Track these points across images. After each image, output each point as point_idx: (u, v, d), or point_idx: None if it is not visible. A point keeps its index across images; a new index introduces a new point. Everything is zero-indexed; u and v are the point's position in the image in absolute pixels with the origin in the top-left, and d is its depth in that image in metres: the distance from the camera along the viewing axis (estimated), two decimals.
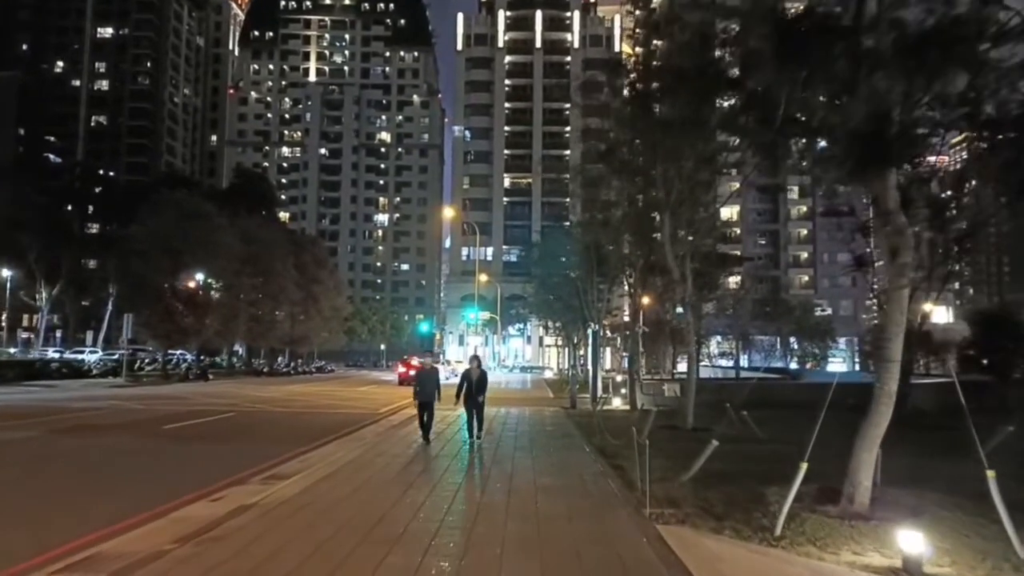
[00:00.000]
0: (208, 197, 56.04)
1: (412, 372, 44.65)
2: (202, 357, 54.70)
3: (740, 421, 15.33)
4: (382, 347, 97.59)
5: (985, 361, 21.13)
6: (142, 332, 41.91)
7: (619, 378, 29.76)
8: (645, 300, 48.88)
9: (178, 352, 53.68)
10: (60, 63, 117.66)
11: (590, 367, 25.28)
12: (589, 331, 24.67)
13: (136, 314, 39.46)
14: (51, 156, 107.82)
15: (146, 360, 47.15)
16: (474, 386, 13.03)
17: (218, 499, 8.20)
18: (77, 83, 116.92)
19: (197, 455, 12.42)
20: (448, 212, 69.21)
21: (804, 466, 6.64)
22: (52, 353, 58.34)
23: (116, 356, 47.97)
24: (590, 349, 24.79)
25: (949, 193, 18.22)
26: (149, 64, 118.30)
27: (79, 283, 68.19)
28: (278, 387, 35.30)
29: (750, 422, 13.60)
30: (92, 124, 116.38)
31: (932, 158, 18.23)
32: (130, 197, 60.90)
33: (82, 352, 57.31)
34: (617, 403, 23.59)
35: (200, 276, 40.33)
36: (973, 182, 17.75)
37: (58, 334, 78.48)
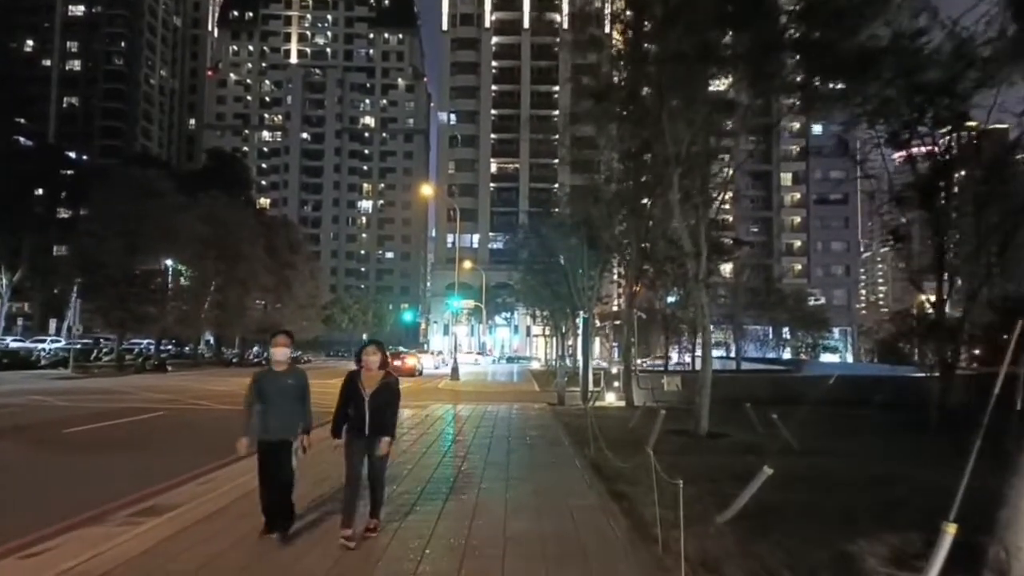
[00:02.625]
0: (179, 179, 52.94)
1: (397, 363, 35.32)
2: (168, 347, 51.62)
3: (761, 424, 12.69)
4: (364, 337, 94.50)
5: None
6: (96, 320, 38.75)
7: (613, 370, 27.08)
8: (637, 286, 46.51)
9: (144, 341, 50.63)
10: (30, 42, 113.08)
11: (580, 359, 22.60)
12: (579, 319, 21.98)
13: (88, 300, 36.37)
14: (20, 139, 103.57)
15: (104, 350, 44.00)
16: (367, 409, 5.68)
17: (37, 554, 5.48)
18: (48, 63, 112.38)
19: (79, 471, 9.65)
20: (427, 189, 66.08)
21: (952, 530, 3.92)
22: (11, 342, 55.31)
23: (79, 345, 45.12)
24: (580, 339, 22.10)
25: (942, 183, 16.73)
26: (123, 44, 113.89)
27: (44, 269, 64.69)
28: (241, 379, 32.26)
29: (782, 428, 10.94)
30: (64, 105, 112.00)
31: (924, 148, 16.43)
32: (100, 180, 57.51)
33: (43, 341, 54.18)
34: (611, 399, 20.92)
35: (157, 259, 37.25)
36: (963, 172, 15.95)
37: (23, 323, 75.01)
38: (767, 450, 10.77)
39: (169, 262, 38.69)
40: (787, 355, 76.51)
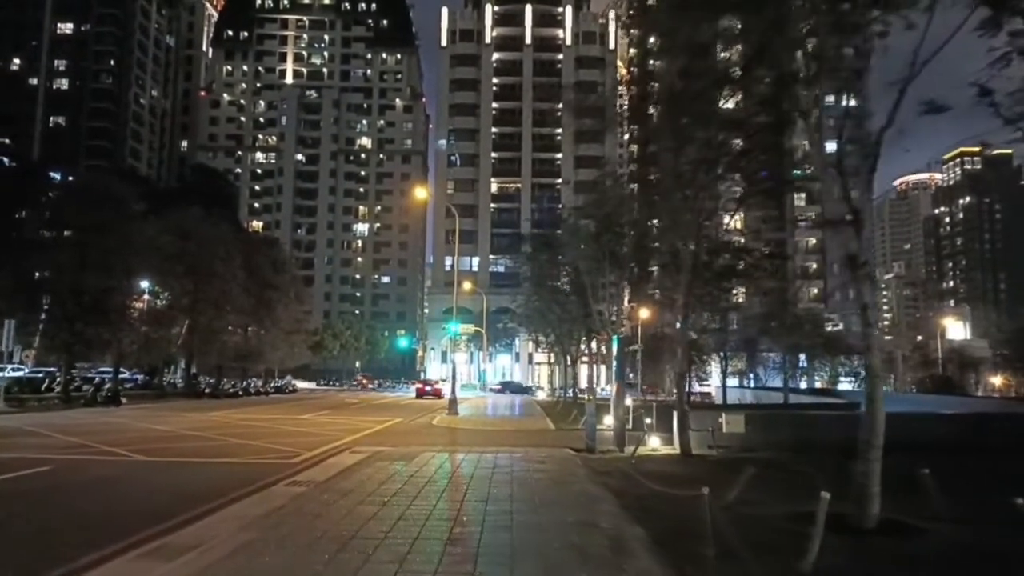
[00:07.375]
0: (157, 193, 48.58)
1: (428, 388, 49.68)
2: (136, 376, 46.67)
3: (935, 496, 7.89)
4: (357, 364, 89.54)
5: None
6: (42, 344, 33.94)
7: (627, 401, 22.10)
8: (644, 312, 41.67)
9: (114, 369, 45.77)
10: (16, 60, 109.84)
11: (612, 391, 17.81)
12: (613, 339, 17.25)
13: (33, 322, 31.62)
14: (4, 158, 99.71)
15: (57, 380, 39.07)
16: None
17: None
18: (35, 81, 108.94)
19: None
20: (420, 193, 61.56)
21: None
22: None
23: (42, 374, 40.40)
24: (614, 364, 17.31)
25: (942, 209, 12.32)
26: (112, 62, 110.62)
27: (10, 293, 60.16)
28: (200, 414, 27.47)
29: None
30: (50, 125, 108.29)
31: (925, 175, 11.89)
32: None
33: (3, 370, 49.48)
34: (655, 443, 16.09)
35: (114, 275, 32.51)
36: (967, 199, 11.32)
37: None
38: (1011, 561, 5.96)
39: (124, 278, 33.93)
40: (803, 384, 71.97)
